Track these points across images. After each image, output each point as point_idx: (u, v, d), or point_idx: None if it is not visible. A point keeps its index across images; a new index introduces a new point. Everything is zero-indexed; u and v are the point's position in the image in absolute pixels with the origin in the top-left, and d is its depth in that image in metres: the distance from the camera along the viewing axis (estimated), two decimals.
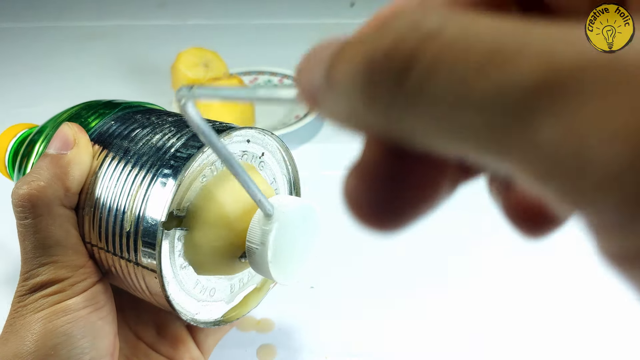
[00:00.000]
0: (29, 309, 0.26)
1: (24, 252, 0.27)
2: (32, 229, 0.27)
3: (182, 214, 0.27)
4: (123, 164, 0.27)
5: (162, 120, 0.30)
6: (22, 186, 0.27)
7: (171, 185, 0.25)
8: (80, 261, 0.27)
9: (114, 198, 0.27)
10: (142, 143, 0.28)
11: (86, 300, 0.27)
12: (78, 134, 0.28)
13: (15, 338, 0.26)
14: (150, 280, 0.26)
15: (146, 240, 0.25)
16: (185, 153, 0.26)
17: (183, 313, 0.28)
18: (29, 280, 0.27)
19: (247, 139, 0.29)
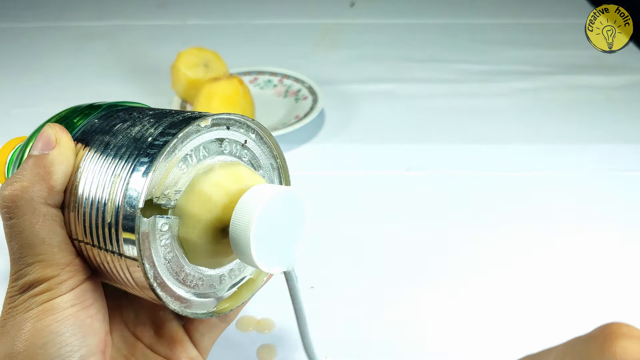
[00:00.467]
0: (19, 310, 0.26)
1: (12, 253, 0.27)
2: (17, 228, 0.27)
3: (162, 201, 0.27)
4: (104, 157, 0.28)
5: (143, 114, 0.30)
6: (6, 187, 0.27)
7: (147, 171, 0.26)
8: (67, 259, 0.27)
9: (96, 191, 0.27)
10: (122, 136, 0.28)
11: (74, 299, 0.27)
12: (59, 133, 0.29)
13: (7, 339, 0.26)
14: (134, 271, 0.26)
15: (126, 229, 0.25)
16: (161, 140, 0.26)
17: (169, 303, 0.28)
18: (17, 281, 0.27)
19: (226, 126, 0.29)
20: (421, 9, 1.02)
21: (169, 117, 0.28)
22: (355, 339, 0.41)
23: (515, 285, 0.46)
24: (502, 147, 0.64)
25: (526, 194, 0.57)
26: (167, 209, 0.27)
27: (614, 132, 0.67)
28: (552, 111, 0.72)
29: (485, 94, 0.76)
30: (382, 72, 0.81)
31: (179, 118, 0.28)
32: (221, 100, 0.62)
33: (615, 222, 0.53)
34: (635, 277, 0.47)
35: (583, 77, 0.79)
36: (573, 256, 0.49)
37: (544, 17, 0.98)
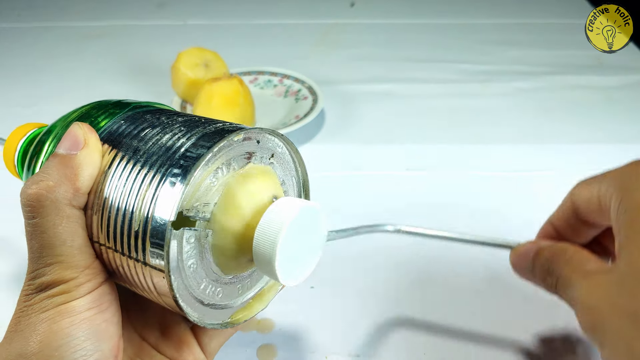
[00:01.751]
0: (34, 309, 0.26)
1: (31, 252, 0.27)
2: (39, 228, 0.26)
3: (191, 214, 0.27)
4: (132, 163, 0.27)
5: (172, 120, 0.30)
6: (31, 186, 0.27)
7: (180, 184, 0.25)
8: (86, 262, 0.27)
9: (123, 197, 0.27)
10: (152, 143, 0.28)
11: (91, 302, 0.27)
12: (88, 134, 0.28)
13: (20, 338, 0.26)
14: (158, 280, 0.26)
15: (154, 240, 0.25)
16: (195, 153, 0.26)
17: (190, 314, 0.28)
18: (35, 280, 0.27)
19: (257, 140, 0.29)
20: (421, 9, 1.02)
21: (200, 127, 0.28)
22: (355, 339, 0.41)
23: (515, 285, 0.46)
24: (502, 147, 0.64)
25: (526, 194, 0.57)
26: (195, 220, 0.27)
27: (614, 132, 0.67)
28: (552, 111, 0.72)
29: (485, 94, 0.76)
30: (382, 72, 0.81)
31: (210, 129, 0.28)
32: (221, 100, 0.62)
33: None
34: None
35: (583, 77, 0.79)
36: None
37: (544, 17, 0.98)
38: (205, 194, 0.27)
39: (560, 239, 0.39)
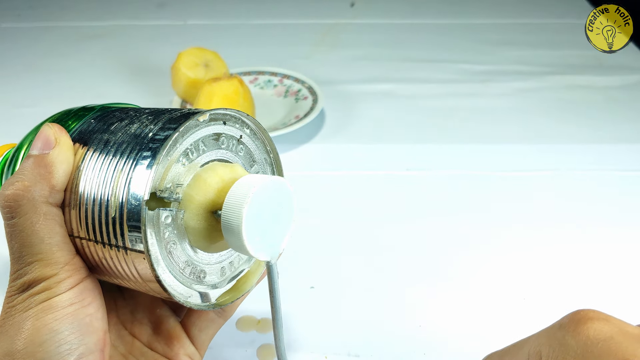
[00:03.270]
0: (18, 309, 0.27)
1: (12, 252, 0.27)
2: (18, 227, 0.27)
3: (165, 195, 0.27)
4: (104, 154, 0.28)
5: (140, 113, 0.31)
6: (8, 187, 0.27)
7: (151, 164, 0.26)
8: (66, 258, 0.27)
9: (98, 188, 0.27)
10: (121, 133, 0.29)
11: (73, 297, 0.27)
12: (58, 132, 0.29)
13: (5, 338, 0.26)
14: (139, 264, 0.27)
15: (131, 222, 0.26)
16: (162, 135, 0.27)
17: (175, 295, 0.28)
18: (16, 280, 0.27)
19: (223, 121, 0.30)
20: (421, 9, 1.02)
21: (166, 114, 0.29)
22: (355, 339, 0.41)
23: (515, 285, 0.46)
24: (502, 147, 0.64)
25: (526, 194, 0.57)
26: (169, 202, 0.28)
27: (614, 132, 0.67)
28: (552, 111, 0.72)
29: (485, 94, 0.76)
30: (382, 72, 0.81)
31: (176, 114, 0.29)
32: (221, 100, 0.62)
33: (616, 222, 0.53)
34: (636, 277, 0.47)
35: (583, 77, 0.79)
36: (573, 256, 0.49)
37: (544, 17, 0.98)
38: (177, 176, 0.28)
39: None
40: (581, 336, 0.23)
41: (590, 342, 0.23)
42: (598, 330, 0.23)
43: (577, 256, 0.49)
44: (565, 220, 0.53)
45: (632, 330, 0.24)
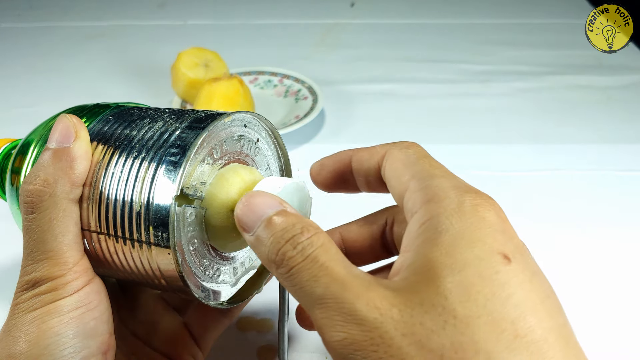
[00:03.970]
0: (22, 308, 0.26)
1: (25, 247, 0.27)
2: (35, 223, 0.27)
3: (190, 192, 0.28)
4: (128, 150, 0.28)
5: (160, 112, 0.31)
6: (31, 182, 0.27)
7: (181, 162, 0.26)
8: (74, 258, 0.27)
9: (121, 184, 0.27)
10: (145, 130, 0.29)
11: (79, 301, 0.27)
12: (78, 125, 0.28)
13: (8, 338, 0.26)
14: (162, 258, 0.27)
15: (158, 216, 0.26)
16: (190, 134, 0.27)
17: (195, 291, 0.28)
18: (25, 277, 0.27)
19: (244, 124, 0.31)
20: (421, 9, 1.02)
21: (189, 113, 0.30)
22: None
23: None
24: (502, 147, 0.64)
25: (526, 194, 0.57)
26: (193, 199, 0.28)
27: (614, 132, 0.67)
28: (552, 111, 0.72)
29: (485, 94, 0.76)
30: (382, 72, 0.81)
31: (200, 115, 0.29)
32: (221, 101, 0.62)
33: (616, 222, 0.53)
34: (636, 277, 0.47)
35: (583, 77, 0.79)
36: (573, 256, 0.49)
37: (544, 17, 0.98)
38: (202, 174, 0.28)
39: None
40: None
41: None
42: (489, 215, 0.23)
43: (577, 256, 0.49)
44: (565, 220, 0.53)
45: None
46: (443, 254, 0.21)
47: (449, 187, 0.24)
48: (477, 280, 0.20)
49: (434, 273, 0.21)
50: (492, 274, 0.20)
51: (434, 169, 0.25)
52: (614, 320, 0.43)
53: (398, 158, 0.27)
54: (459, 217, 0.22)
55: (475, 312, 0.20)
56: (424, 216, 0.23)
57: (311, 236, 0.24)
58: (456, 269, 0.21)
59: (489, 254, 0.21)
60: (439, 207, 0.23)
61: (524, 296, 0.20)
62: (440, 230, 0.22)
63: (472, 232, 0.22)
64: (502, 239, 0.22)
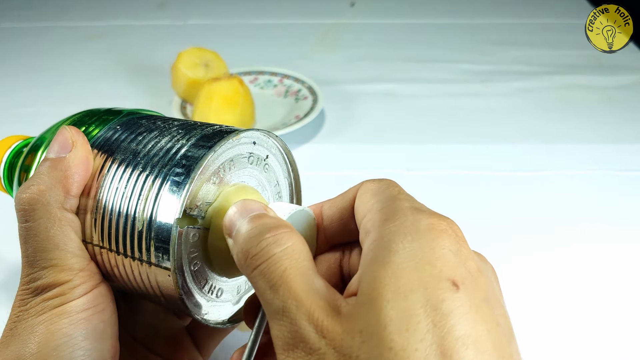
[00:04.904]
0: (31, 313, 0.26)
1: (25, 256, 0.27)
2: (32, 232, 0.27)
3: (194, 212, 0.27)
4: (132, 166, 0.28)
5: (169, 125, 0.30)
6: (24, 190, 0.27)
7: (185, 183, 0.26)
8: (81, 264, 0.27)
9: (124, 199, 0.27)
10: (151, 145, 0.28)
11: (88, 303, 0.27)
12: (75, 135, 0.29)
13: (17, 341, 0.26)
14: (162, 279, 0.26)
15: (160, 238, 0.26)
16: (196, 153, 0.27)
17: (195, 313, 0.28)
18: (30, 284, 0.27)
19: (253, 141, 0.30)
20: (421, 9, 1.02)
21: (197, 129, 0.29)
22: None
23: (514, 284, 0.46)
24: (502, 147, 0.64)
25: (526, 194, 0.57)
26: (197, 220, 0.27)
27: (614, 132, 0.67)
28: (552, 111, 0.72)
29: (486, 94, 0.76)
30: (382, 72, 0.81)
31: (209, 131, 0.28)
32: (221, 101, 0.62)
33: (615, 222, 0.53)
34: (636, 278, 0.47)
35: (583, 77, 0.79)
36: (573, 256, 0.49)
37: (544, 17, 0.98)
38: (207, 194, 0.28)
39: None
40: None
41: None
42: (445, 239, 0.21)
43: (577, 256, 0.49)
44: (564, 220, 0.53)
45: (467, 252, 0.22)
46: (390, 277, 0.20)
47: (407, 208, 0.23)
48: (420, 309, 0.19)
49: (378, 298, 0.20)
50: (436, 303, 0.19)
51: (399, 194, 0.25)
52: (614, 320, 0.43)
53: (369, 188, 0.26)
54: (412, 238, 0.21)
55: (413, 344, 0.19)
56: (378, 234, 0.22)
57: (278, 234, 0.23)
58: (401, 294, 0.20)
59: (436, 280, 0.20)
60: (393, 226, 0.22)
61: (468, 327, 0.19)
62: (391, 250, 0.21)
63: (423, 255, 0.21)
64: (453, 262, 0.21)
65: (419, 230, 0.21)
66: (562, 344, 0.41)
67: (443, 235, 0.21)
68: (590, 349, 0.41)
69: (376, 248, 0.22)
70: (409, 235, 0.21)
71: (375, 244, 0.22)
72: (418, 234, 0.21)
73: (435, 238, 0.21)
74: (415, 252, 0.21)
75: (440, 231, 0.21)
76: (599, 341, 0.41)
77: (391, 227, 0.22)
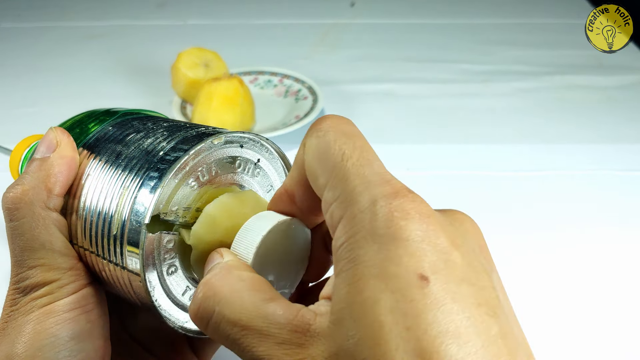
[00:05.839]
0: (20, 312, 0.26)
1: (13, 255, 0.27)
2: (17, 231, 0.27)
3: (170, 217, 0.26)
4: (114, 167, 0.27)
5: (157, 126, 0.30)
6: (10, 190, 0.27)
7: (156, 187, 0.25)
8: (69, 264, 0.27)
9: (103, 201, 0.27)
10: (134, 147, 0.28)
11: (75, 303, 0.27)
12: (60, 135, 0.29)
13: (7, 340, 0.26)
14: (136, 284, 0.26)
15: (131, 243, 0.25)
16: (172, 156, 0.26)
17: (171, 320, 0.27)
18: (19, 284, 0.27)
19: (240, 144, 0.29)
20: (421, 9, 1.02)
21: (182, 131, 0.28)
22: None
23: (514, 284, 0.46)
24: (502, 147, 0.64)
25: (526, 194, 0.57)
26: (173, 225, 0.27)
27: (614, 132, 0.67)
28: (552, 111, 0.72)
29: (485, 94, 0.76)
30: (382, 72, 0.81)
31: (192, 133, 0.28)
32: (221, 100, 0.62)
33: (615, 222, 0.53)
34: (636, 278, 0.47)
35: (583, 77, 0.79)
36: (573, 256, 0.49)
37: (544, 17, 0.98)
38: (185, 199, 0.27)
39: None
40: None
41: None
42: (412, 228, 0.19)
43: (577, 256, 0.49)
44: (564, 220, 0.53)
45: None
46: (355, 291, 0.19)
47: (362, 192, 0.20)
48: (389, 317, 0.18)
49: (346, 318, 0.19)
50: (405, 306, 0.18)
51: (346, 161, 0.22)
52: (614, 320, 0.43)
53: (313, 151, 0.23)
54: (372, 240, 0.19)
55: (389, 356, 0.17)
56: (341, 237, 0.20)
57: (203, 287, 0.23)
58: (367, 308, 0.18)
59: (403, 280, 0.18)
60: (353, 226, 0.20)
61: (444, 321, 0.18)
62: (355, 259, 0.19)
63: (386, 255, 0.19)
64: (420, 252, 0.19)
65: (378, 228, 0.19)
66: (562, 344, 0.41)
67: (404, 223, 0.19)
68: (590, 349, 0.41)
69: (342, 257, 0.20)
70: (369, 239, 0.19)
71: (341, 250, 0.20)
72: (378, 233, 0.19)
73: (396, 232, 0.19)
74: (376, 257, 0.19)
75: (400, 220, 0.19)
76: (599, 341, 0.41)
77: (351, 227, 0.20)
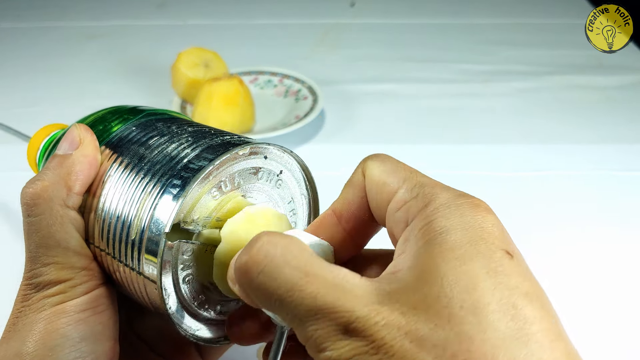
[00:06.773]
0: (32, 309, 0.26)
1: (28, 251, 0.27)
2: (34, 227, 0.27)
3: (190, 227, 0.26)
4: (136, 170, 0.27)
5: (182, 130, 0.29)
6: (29, 185, 0.27)
7: (178, 196, 0.25)
8: (83, 263, 0.27)
9: (124, 204, 0.27)
10: (158, 151, 0.28)
11: (87, 303, 0.27)
12: (83, 133, 0.29)
13: (17, 337, 0.26)
14: (151, 290, 0.26)
15: (149, 250, 0.25)
16: (196, 165, 0.26)
17: (184, 328, 0.27)
18: (32, 280, 0.27)
19: (264, 156, 0.29)
20: (421, 9, 1.02)
21: (207, 138, 0.28)
22: None
23: None
24: (502, 147, 0.64)
25: (526, 194, 0.57)
26: (193, 234, 0.27)
27: (614, 132, 0.67)
28: (552, 111, 0.72)
29: (485, 94, 0.76)
30: (382, 72, 0.81)
31: (217, 141, 0.27)
32: (221, 100, 0.62)
33: (615, 222, 0.53)
34: (636, 278, 0.47)
35: (583, 77, 0.79)
36: (573, 256, 0.49)
37: (544, 17, 0.98)
38: (206, 208, 0.27)
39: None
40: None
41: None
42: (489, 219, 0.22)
43: (576, 256, 0.49)
44: (564, 220, 0.53)
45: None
46: (446, 250, 0.21)
47: (441, 191, 0.24)
48: (482, 272, 0.20)
49: (436, 268, 0.20)
50: (497, 267, 0.20)
51: (411, 173, 0.27)
52: (614, 320, 0.43)
53: (374, 172, 0.27)
54: (460, 218, 0.22)
55: (483, 300, 0.19)
56: (422, 222, 0.22)
57: (265, 236, 0.21)
58: (460, 262, 0.20)
59: (492, 250, 0.21)
60: (437, 211, 0.22)
61: (528, 287, 0.20)
62: (441, 231, 0.21)
63: (474, 232, 0.21)
64: (502, 237, 0.22)
65: (464, 213, 0.22)
66: None
67: (487, 216, 0.22)
68: (590, 349, 0.41)
69: (425, 234, 0.22)
70: (456, 218, 0.22)
71: (422, 231, 0.22)
72: (465, 216, 0.22)
73: (481, 219, 0.22)
74: (465, 231, 0.21)
75: (483, 209, 0.22)
76: (599, 341, 0.41)
77: (434, 212, 0.22)
